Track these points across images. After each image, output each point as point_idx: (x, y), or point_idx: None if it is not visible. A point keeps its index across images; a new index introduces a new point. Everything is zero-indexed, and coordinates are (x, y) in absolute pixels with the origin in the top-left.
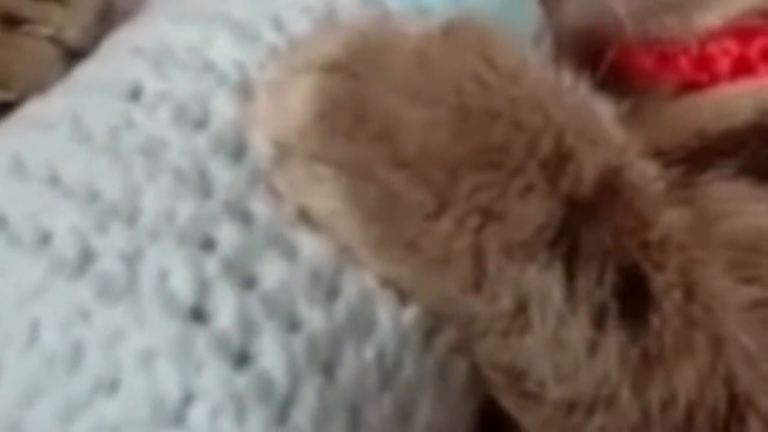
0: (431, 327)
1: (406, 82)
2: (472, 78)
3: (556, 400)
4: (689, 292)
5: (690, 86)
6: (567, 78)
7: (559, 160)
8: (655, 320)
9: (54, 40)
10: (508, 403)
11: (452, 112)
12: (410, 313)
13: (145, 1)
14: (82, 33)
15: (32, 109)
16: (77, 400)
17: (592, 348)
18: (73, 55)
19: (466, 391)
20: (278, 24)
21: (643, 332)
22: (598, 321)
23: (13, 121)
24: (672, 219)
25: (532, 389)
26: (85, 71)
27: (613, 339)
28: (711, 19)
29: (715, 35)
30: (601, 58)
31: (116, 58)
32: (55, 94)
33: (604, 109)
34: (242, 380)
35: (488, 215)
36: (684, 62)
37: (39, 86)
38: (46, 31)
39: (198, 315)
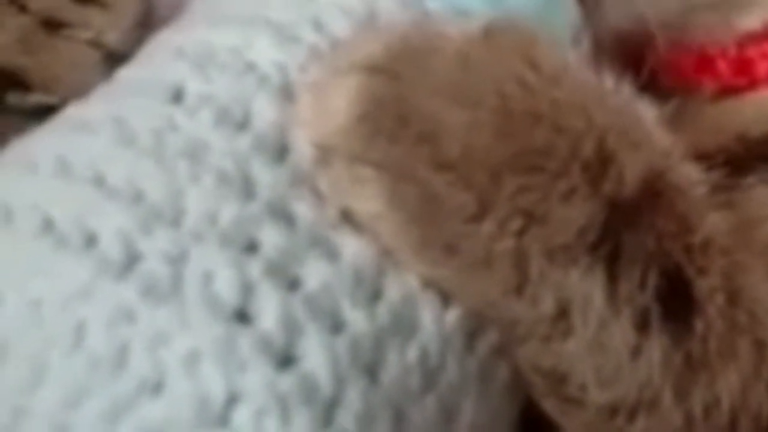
0: (474, 329)
1: (448, 84)
2: (514, 80)
3: (598, 404)
4: (732, 297)
5: (729, 90)
6: (609, 80)
7: (601, 163)
8: (698, 324)
9: (94, 43)
10: (550, 407)
11: (494, 114)
12: (453, 315)
13: (185, 4)
14: (122, 36)
15: (74, 111)
16: (122, 401)
17: (635, 352)
18: (114, 59)
19: (509, 393)
20: (318, 25)
21: (687, 336)
22: (641, 325)
23: (56, 124)
24: (715, 222)
25: (573, 393)
26: (128, 74)
27: (656, 343)
28: (750, 21)
29: (754, 38)
30: (641, 60)
31: (158, 61)
32: (97, 97)
33: (647, 112)
34: (286, 382)
35: (530, 218)
36: (723, 66)
37: (79, 89)
38: (87, 34)
39: (242, 317)
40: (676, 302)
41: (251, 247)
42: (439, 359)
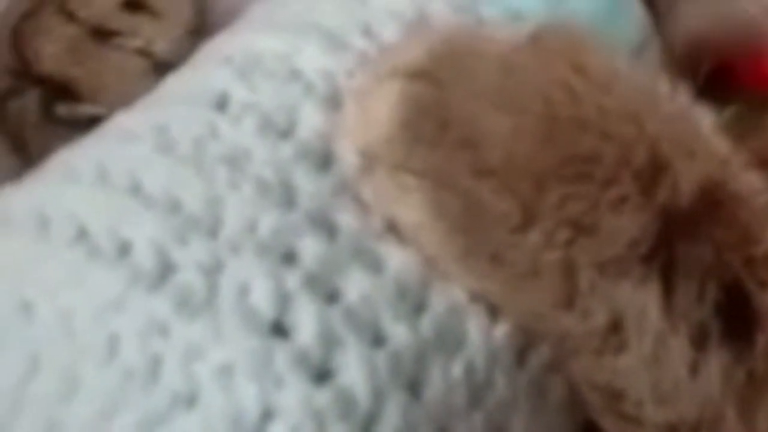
0: (525, 343)
1: (491, 90)
2: (560, 86)
3: (657, 421)
4: None
5: None
6: (666, 87)
7: (653, 172)
8: (761, 340)
9: (144, 52)
10: (607, 424)
11: (539, 120)
12: (501, 329)
13: (239, 13)
14: (172, 46)
15: (119, 119)
16: (155, 415)
17: (693, 368)
18: (163, 68)
19: (564, 410)
20: (368, 31)
21: (749, 352)
22: (699, 340)
23: (100, 133)
24: None
25: (630, 410)
26: (174, 82)
27: (716, 359)
28: None
29: None
30: (716, 66)
31: (204, 68)
32: (142, 105)
33: (706, 119)
34: (323, 397)
35: (578, 228)
36: None
37: (128, 99)
38: (136, 43)
39: (278, 329)
40: (737, 317)
41: (290, 258)
42: (486, 375)
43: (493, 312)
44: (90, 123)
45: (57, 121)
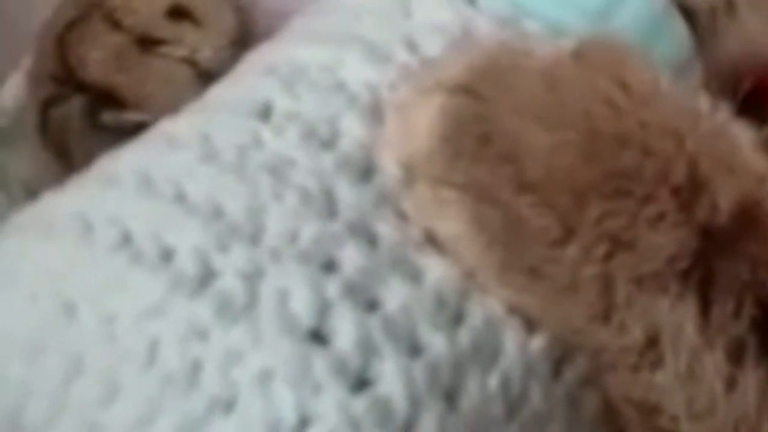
0: (561, 356)
1: (533, 104)
2: (602, 101)
3: None
4: None
5: None
6: (706, 104)
7: (692, 189)
8: None
9: (188, 61)
10: None
11: (580, 135)
12: (538, 342)
13: (283, 22)
14: (216, 54)
15: (163, 127)
16: (194, 419)
17: (730, 384)
18: (208, 77)
19: (598, 424)
20: (412, 45)
21: None
22: (736, 356)
23: (143, 140)
24: None
25: (666, 426)
26: (218, 91)
27: (752, 375)
28: None
29: None
30: (758, 88)
31: (249, 78)
32: (186, 113)
33: (745, 137)
34: (360, 405)
35: (617, 243)
36: None
37: (173, 107)
38: (181, 52)
39: (317, 337)
40: None
41: (330, 266)
42: (522, 387)
43: (530, 325)
44: (134, 130)
45: (101, 128)
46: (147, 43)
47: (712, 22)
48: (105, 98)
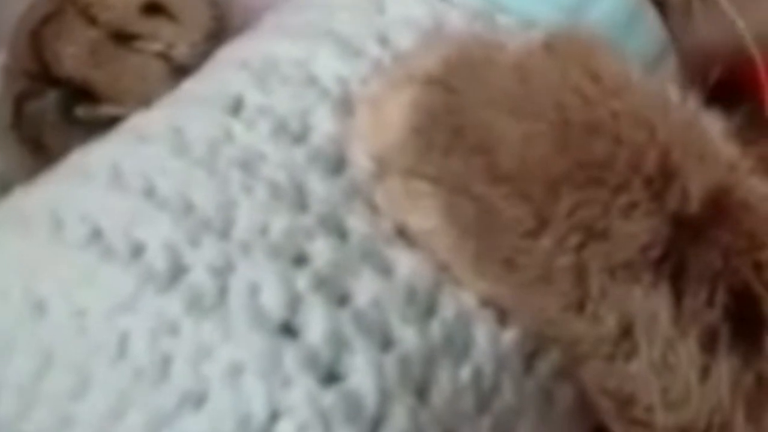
0: (533, 349)
1: (504, 96)
2: (573, 91)
3: (667, 426)
4: None
5: None
6: (676, 94)
7: (664, 178)
8: None
9: (163, 56)
10: (618, 429)
11: (552, 126)
12: (510, 334)
13: (257, 19)
14: (190, 50)
15: (135, 121)
16: (164, 413)
17: (703, 373)
18: (182, 72)
19: (574, 416)
20: (384, 39)
21: (758, 356)
22: (709, 345)
23: (116, 134)
24: None
25: (640, 415)
26: (190, 85)
27: (726, 364)
28: None
29: None
30: (734, 76)
31: (221, 72)
32: (158, 107)
33: (716, 126)
34: (330, 398)
35: (590, 233)
36: None
37: (147, 102)
38: (156, 47)
39: (288, 330)
40: (746, 321)
41: (301, 260)
42: (494, 380)
43: (502, 317)
44: (109, 125)
45: (76, 122)
46: (122, 38)
47: (685, 13)
48: (80, 93)
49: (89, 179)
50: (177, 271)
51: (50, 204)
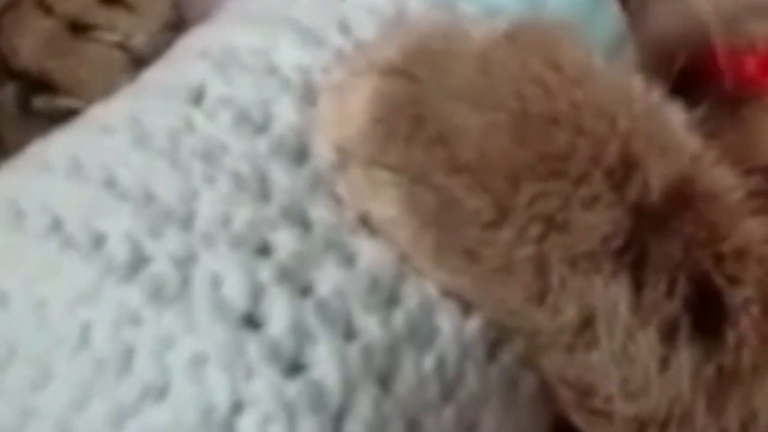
0: (497, 338)
1: (465, 86)
2: (534, 82)
3: (626, 417)
4: None
5: None
6: (638, 84)
7: (625, 169)
8: (730, 336)
9: (121, 46)
10: (578, 419)
11: (512, 116)
12: (473, 324)
13: (216, 8)
14: (149, 40)
15: (95, 112)
16: (126, 405)
17: (663, 363)
18: (141, 62)
19: (536, 404)
20: (345, 28)
21: (719, 348)
22: (669, 335)
23: (75, 125)
24: (750, 230)
25: (600, 406)
26: (151, 75)
27: (686, 354)
28: None
29: None
30: (692, 64)
31: (182, 62)
32: (118, 98)
33: (678, 116)
34: (294, 389)
35: (551, 224)
36: None
37: (106, 92)
38: (113, 37)
39: (250, 321)
40: (707, 312)
41: (264, 251)
42: (457, 369)
43: (465, 307)
44: (67, 117)
45: (34, 114)
46: (79, 28)
47: (641, 3)
48: (38, 85)
49: (50, 170)
50: (138, 262)
51: (10, 194)
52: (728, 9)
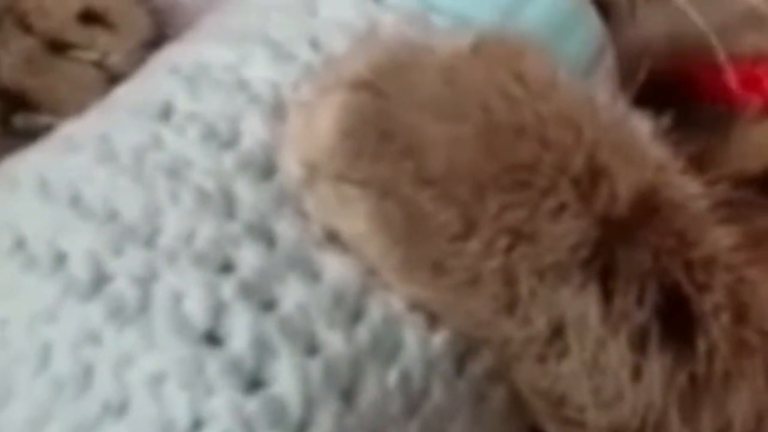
0: (464, 351)
1: (431, 99)
2: (499, 94)
3: (599, 426)
4: (740, 315)
5: None
6: (604, 95)
7: (591, 179)
8: (701, 343)
9: (99, 65)
10: (551, 429)
11: (478, 129)
12: (440, 337)
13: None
14: (127, 58)
15: (65, 129)
16: (86, 422)
17: (635, 372)
18: (119, 80)
19: (507, 417)
20: (315, 43)
21: (690, 356)
22: (640, 344)
23: (45, 143)
24: (718, 238)
25: (573, 415)
26: (121, 91)
27: (657, 363)
28: None
29: None
30: (678, 77)
31: (151, 78)
32: (89, 114)
33: (644, 126)
34: (254, 405)
35: (518, 236)
36: None
37: (84, 110)
38: (91, 56)
39: (211, 338)
40: (677, 321)
41: (226, 268)
42: (423, 383)
43: (432, 320)
44: (47, 134)
45: (14, 132)
46: (58, 47)
47: (627, 13)
48: (18, 103)
49: (16, 188)
50: (99, 280)
51: None
52: (718, 19)
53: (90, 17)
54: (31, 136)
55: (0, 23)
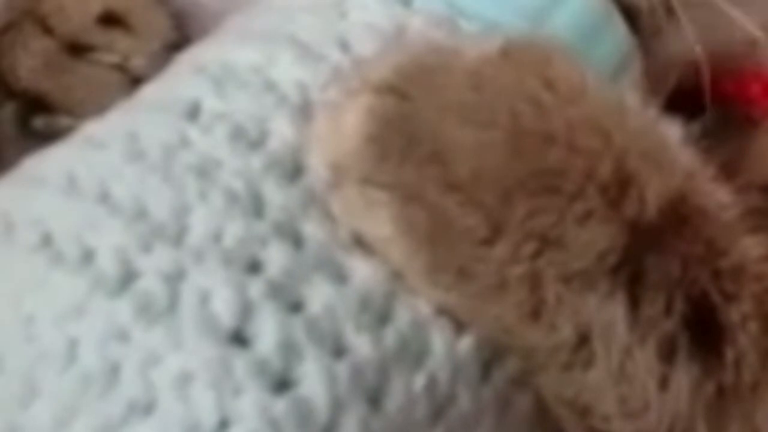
0: (490, 357)
1: (459, 104)
2: (527, 99)
3: None
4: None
5: None
6: (634, 100)
7: (620, 185)
8: (729, 353)
9: (119, 68)
10: None
11: (506, 134)
12: (466, 343)
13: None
14: (148, 61)
15: (90, 128)
16: (112, 421)
17: (662, 382)
18: (140, 83)
19: (531, 424)
20: (344, 45)
21: (718, 366)
22: (667, 353)
23: (71, 140)
24: (747, 247)
25: (598, 425)
26: (148, 91)
27: (685, 372)
28: None
29: None
30: (705, 88)
31: (179, 78)
32: (114, 113)
33: (674, 133)
34: (281, 406)
35: (545, 242)
36: None
37: (103, 113)
38: (112, 58)
39: (239, 338)
40: (705, 330)
41: (254, 268)
42: (449, 388)
43: (458, 325)
44: (66, 136)
45: (33, 134)
46: (78, 49)
47: (653, 22)
48: (37, 105)
49: (43, 184)
50: (128, 277)
51: (2, 208)
52: (738, 36)
53: (110, 20)
54: (50, 138)
55: (20, 25)
